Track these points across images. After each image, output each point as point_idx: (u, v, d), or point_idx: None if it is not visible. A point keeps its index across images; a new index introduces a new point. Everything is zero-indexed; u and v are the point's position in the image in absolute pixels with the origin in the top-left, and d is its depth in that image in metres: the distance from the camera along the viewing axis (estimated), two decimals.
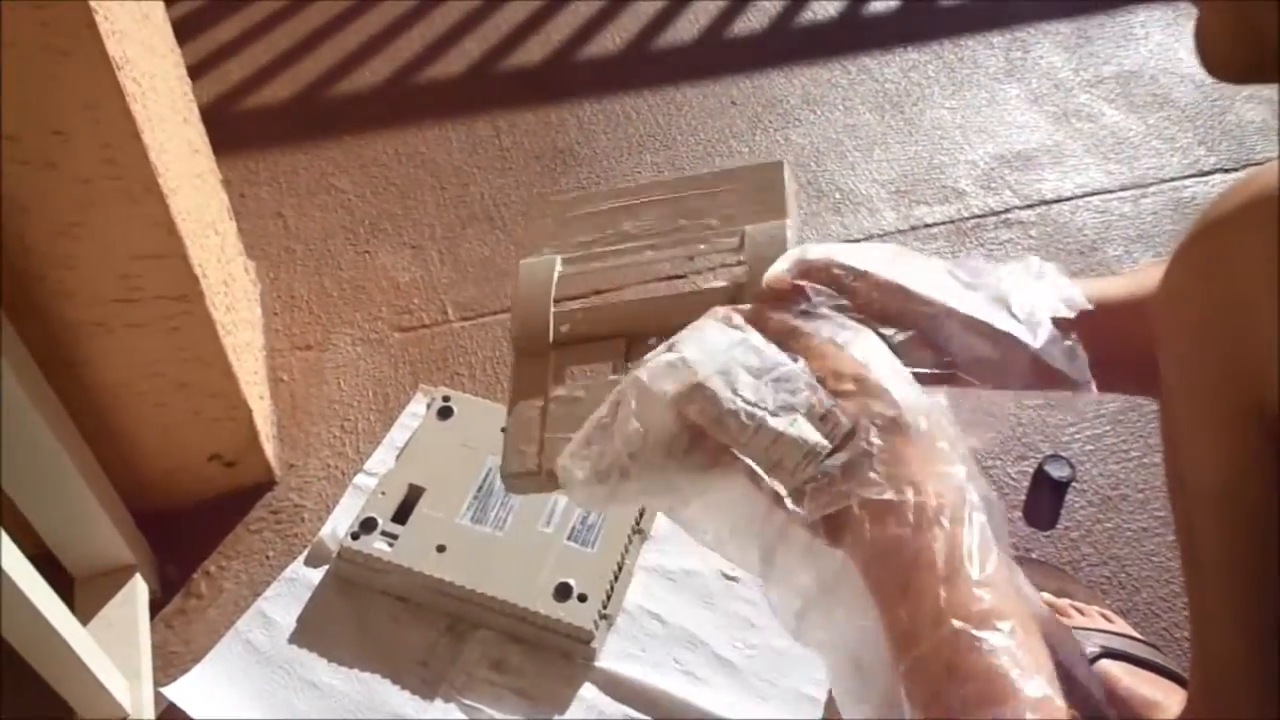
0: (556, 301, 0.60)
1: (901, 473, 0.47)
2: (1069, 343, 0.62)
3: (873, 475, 0.47)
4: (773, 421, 0.49)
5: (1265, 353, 0.48)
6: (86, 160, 0.68)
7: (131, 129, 0.68)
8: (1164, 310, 0.57)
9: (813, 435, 0.49)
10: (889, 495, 0.47)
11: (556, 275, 0.61)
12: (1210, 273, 0.52)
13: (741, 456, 0.50)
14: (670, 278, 0.65)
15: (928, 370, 0.64)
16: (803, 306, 0.55)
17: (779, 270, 0.63)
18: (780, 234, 0.64)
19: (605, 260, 0.62)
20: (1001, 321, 0.62)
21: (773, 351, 0.51)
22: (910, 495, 0.46)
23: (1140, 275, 0.66)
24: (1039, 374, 0.63)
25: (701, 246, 0.64)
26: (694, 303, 0.62)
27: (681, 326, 0.61)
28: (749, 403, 0.50)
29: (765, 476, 0.49)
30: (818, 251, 0.63)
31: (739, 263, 0.63)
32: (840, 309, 0.61)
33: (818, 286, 0.61)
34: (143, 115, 0.70)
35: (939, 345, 0.62)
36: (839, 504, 0.47)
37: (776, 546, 0.50)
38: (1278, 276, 0.47)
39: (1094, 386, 0.61)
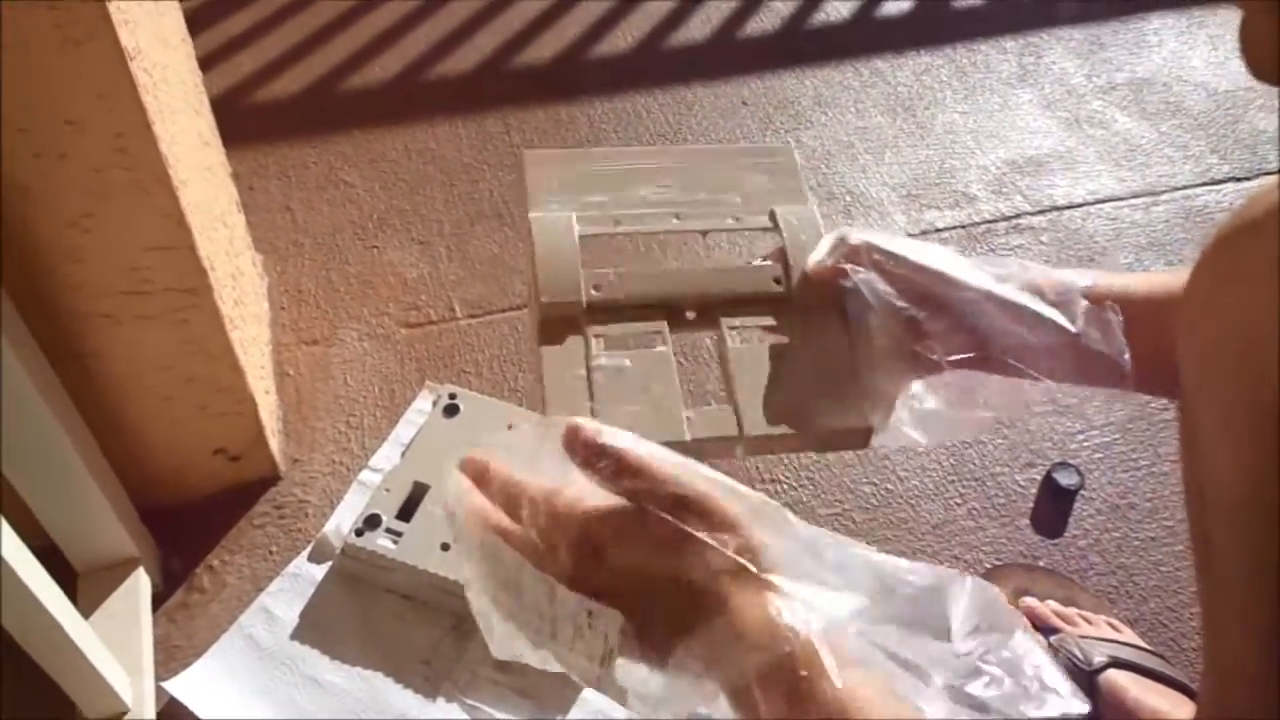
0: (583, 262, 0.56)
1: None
2: (1107, 316, 0.62)
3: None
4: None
5: None
6: (98, 151, 0.68)
7: (143, 119, 0.67)
8: (1187, 315, 0.56)
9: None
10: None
11: (578, 234, 0.56)
12: (1236, 278, 0.52)
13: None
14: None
15: (963, 355, 0.64)
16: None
17: (821, 255, 0.62)
18: (813, 218, 0.63)
19: (629, 225, 0.59)
20: (1040, 306, 0.62)
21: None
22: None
23: (1162, 276, 0.66)
24: (1076, 360, 0.62)
25: (730, 221, 0.62)
26: (741, 278, 0.61)
27: (722, 299, 0.59)
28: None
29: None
30: (857, 236, 0.63)
31: (774, 242, 0.62)
32: (877, 292, 0.61)
33: (859, 268, 0.61)
34: (154, 106, 0.69)
35: (977, 330, 0.62)
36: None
37: None
38: None
39: (1128, 360, 0.61)
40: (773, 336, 0.61)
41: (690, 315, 0.59)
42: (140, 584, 0.87)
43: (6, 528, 0.62)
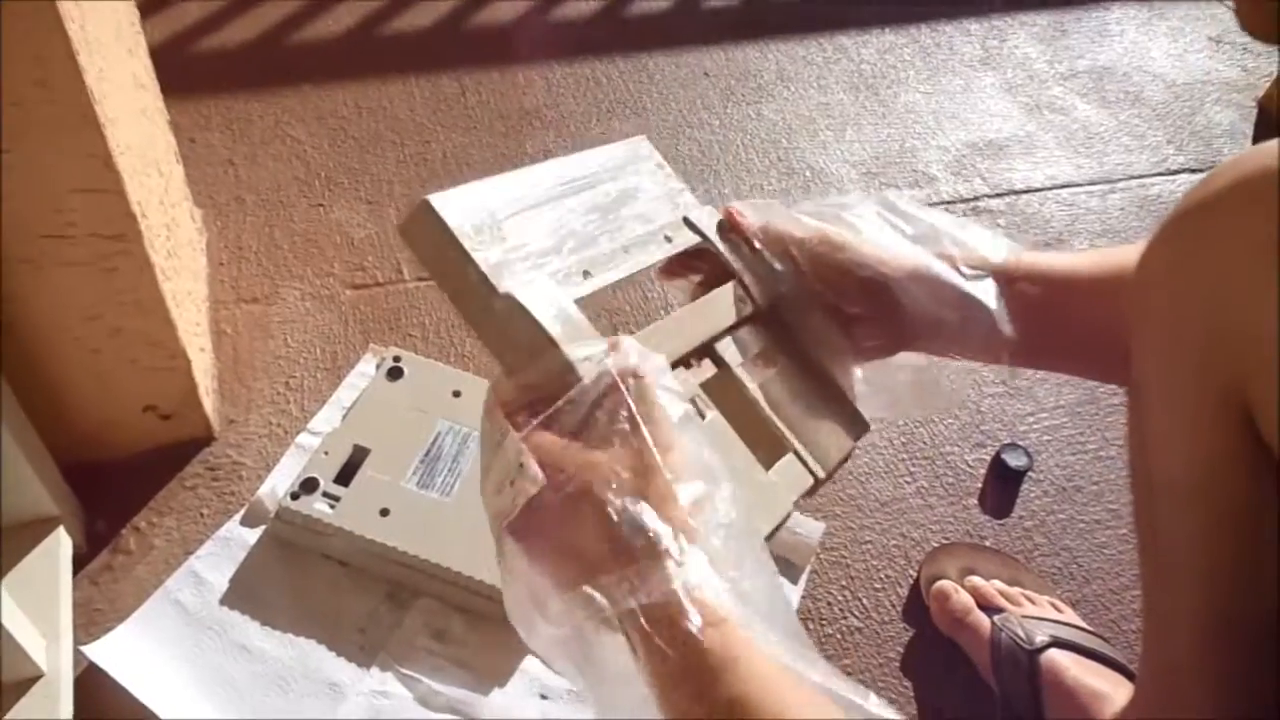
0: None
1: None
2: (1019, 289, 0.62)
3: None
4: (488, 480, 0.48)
5: (1247, 338, 0.47)
6: (16, 81, 0.64)
7: (67, 50, 0.63)
8: (1140, 293, 0.55)
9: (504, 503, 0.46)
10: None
11: (570, 299, 0.50)
12: (1192, 255, 0.51)
13: None
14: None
15: (876, 343, 0.64)
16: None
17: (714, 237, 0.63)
18: (714, 214, 0.65)
19: (598, 273, 0.54)
20: (963, 284, 0.62)
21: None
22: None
23: (1109, 254, 0.65)
24: (985, 338, 0.62)
25: (666, 245, 0.61)
26: (718, 313, 0.61)
27: (714, 339, 0.59)
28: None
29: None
30: (750, 217, 0.63)
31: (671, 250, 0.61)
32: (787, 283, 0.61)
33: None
34: (79, 36, 0.65)
35: (900, 313, 0.62)
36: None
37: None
38: (1265, 259, 0.45)
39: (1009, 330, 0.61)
40: (763, 360, 0.62)
41: (694, 364, 0.58)
42: (60, 544, 0.83)
43: None
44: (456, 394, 0.97)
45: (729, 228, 0.64)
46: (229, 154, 1.24)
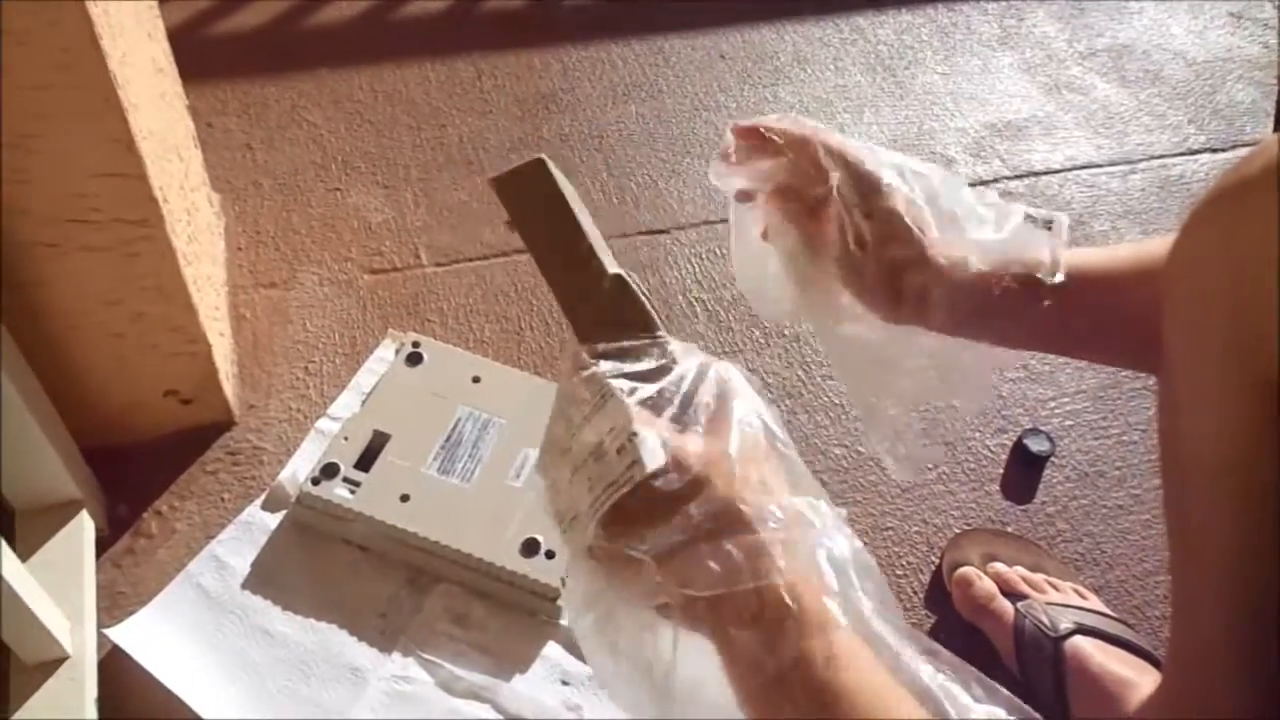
0: None
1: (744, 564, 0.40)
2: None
3: (701, 557, 0.40)
4: (566, 460, 0.44)
5: (1278, 320, 0.47)
6: (42, 65, 0.64)
7: (91, 34, 0.63)
8: (1174, 275, 0.55)
9: (607, 474, 0.42)
10: (718, 589, 0.40)
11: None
12: (1227, 236, 0.50)
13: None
14: None
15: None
16: None
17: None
18: None
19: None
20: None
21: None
22: (751, 580, 0.40)
23: (1147, 246, 0.64)
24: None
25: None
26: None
27: None
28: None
29: (559, 529, 0.45)
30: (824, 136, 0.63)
31: None
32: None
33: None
34: (103, 21, 0.65)
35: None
36: (644, 593, 0.41)
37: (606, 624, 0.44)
38: None
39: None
40: None
41: None
42: (83, 527, 0.84)
43: None
44: (476, 379, 0.97)
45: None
46: (246, 138, 1.24)
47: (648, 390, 0.43)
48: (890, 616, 0.42)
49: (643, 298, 0.47)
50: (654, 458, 0.41)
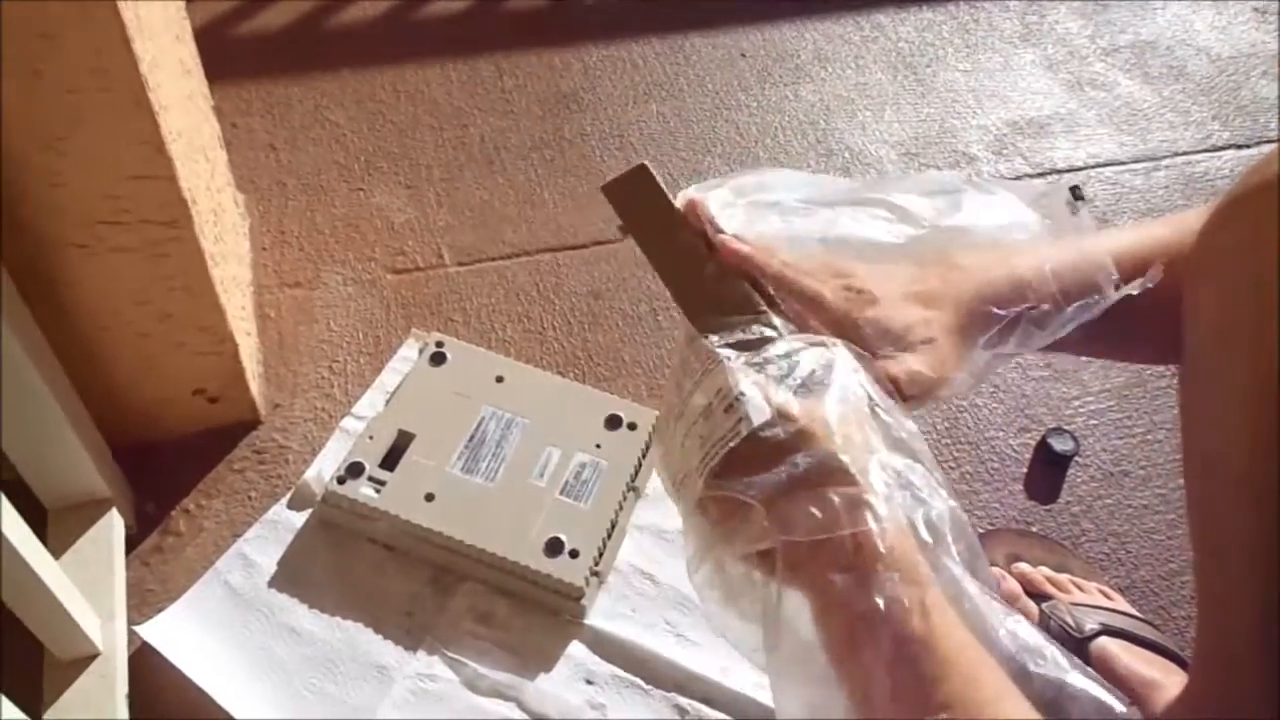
0: None
1: (839, 507, 0.42)
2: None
3: (803, 502, 0.42)
4: (680, 424, 0.47)
5: None
6: (74, 68, 0.64)
7: (122, 37, 0.63)
8: (1195, 277, 0.54)
9: (716, 430, 0.45)
10: (818, 535, 0.42)
11: None
12: (1249, 239, 0.50)
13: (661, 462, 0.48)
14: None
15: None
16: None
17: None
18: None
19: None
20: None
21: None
22: (850, 526, 0.42)
23: (1152, 230, 0.63)
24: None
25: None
26: None
27: None
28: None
29: (674, 489, 0.47)
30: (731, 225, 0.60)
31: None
32: None
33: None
34: (134, 24, 0.66)
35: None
36: (748, 538, 0.43)
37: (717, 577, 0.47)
38: None
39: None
40: None
41: None
42: (113, 525, 0.85)
43: None
44: (499, 379, 0.97)
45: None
46: (270, 139, 1.25)
47: (754, 357, 0.47)
48: (981, 578, 0.44)
49: (743, 283, 0.52)
50: (759, 413, 0.44)
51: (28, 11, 0.61)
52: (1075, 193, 0.62)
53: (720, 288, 0.52)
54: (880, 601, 0.41)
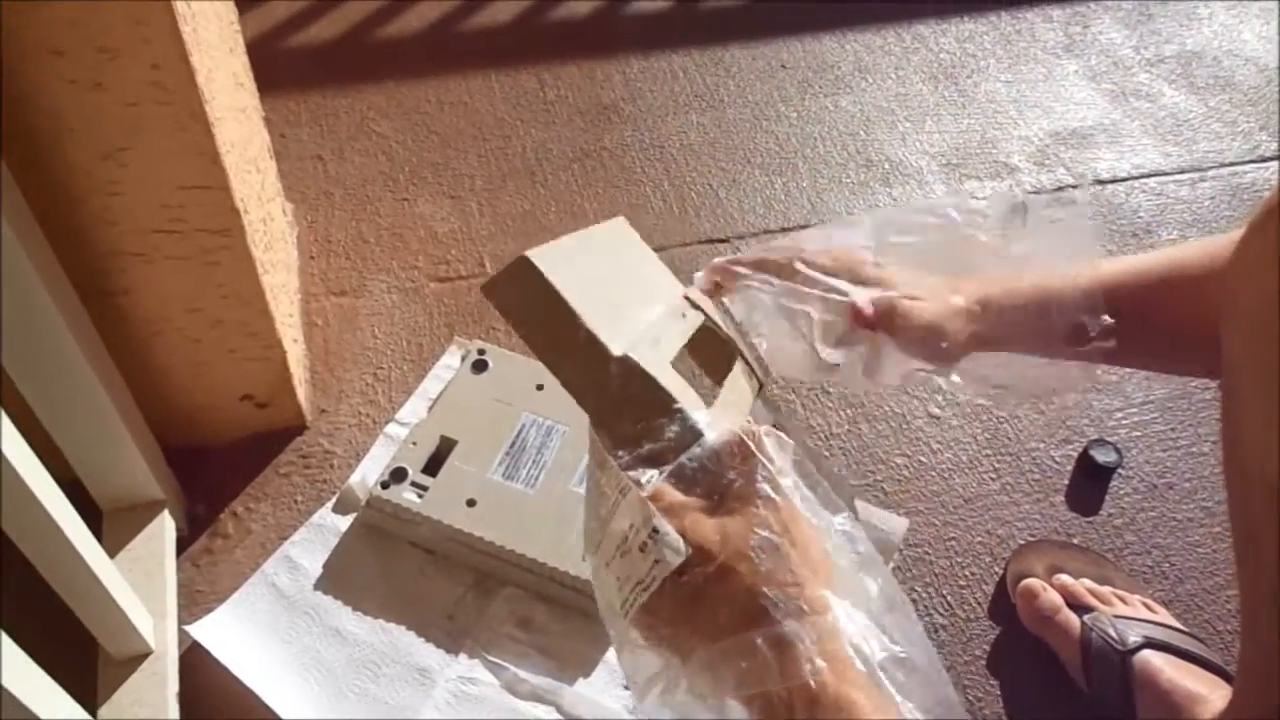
0: None
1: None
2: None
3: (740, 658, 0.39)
4: (597, 557, 0.44)
5: None
6: (134, 82, 0.66)
7: (180, 51, 0.66)
8: (1233, 287, 0.54)
9: (635, 571, 0.42)
10: (765, 686, 0.39)
11: None
12: None
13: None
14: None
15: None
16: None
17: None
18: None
19: None
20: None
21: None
22: (785, 680, 0.39)
23: (1189, 248, 0.64)
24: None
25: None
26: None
27: None
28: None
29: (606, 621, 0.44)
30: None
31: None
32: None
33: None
34: (192, 39, 0.68)
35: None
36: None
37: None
38: None
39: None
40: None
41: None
42: (165, 527, 0.87)
43: (35, 462, 0.61)
44: (540, 387, 0.98)
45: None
46: (317, 149, 1.27)
47: (667, 469, 0.43)
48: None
49: (652, 373, 0.46)
50: (675, 554, 0.41)
51: (89, 27, 0.63)
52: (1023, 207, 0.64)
53: (628, 387, 0.45)
54: None
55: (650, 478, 0.43)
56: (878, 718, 0.39)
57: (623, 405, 0.45)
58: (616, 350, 0.46)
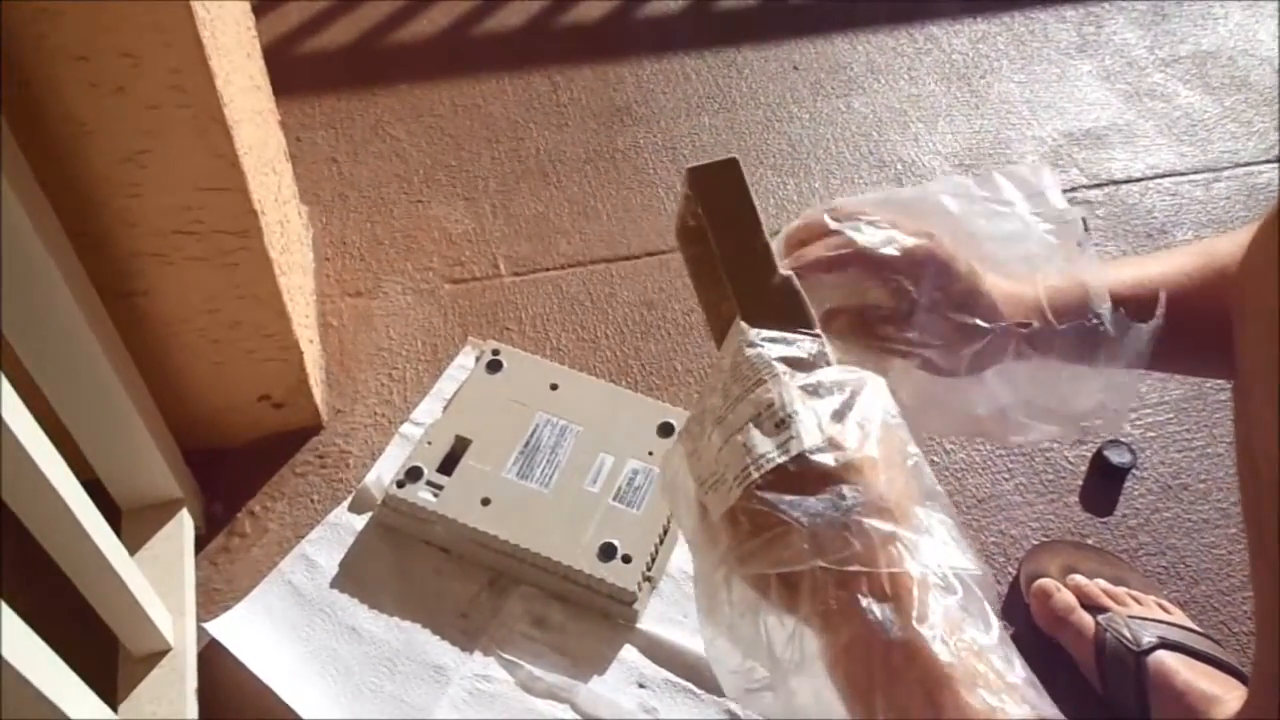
0: None
1: (876, 539, 0.40)
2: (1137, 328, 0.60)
3: (846, 532, 0.40)
4: (720, 429, 0.45)
5: None
6: (155, 85, 0.67)
7: (200, 56, 0.66)
8: (1245, 287, 0.54)
9: (761, 444, 0.43)
10: (854, 566, 0.40)
11: None
12: None
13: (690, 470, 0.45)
14: None
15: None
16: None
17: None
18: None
19: None
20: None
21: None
22: (886, 565, 0.40)
23: (1207, 249, 0.63)
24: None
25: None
26: None
27: None
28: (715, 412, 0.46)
29: (699, 490, 0.45)
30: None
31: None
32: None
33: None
34: (211, 43, 0.68)
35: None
36: (780, 557, 0.41)
37: (720, 593, 0.44)
38: None
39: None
40: None
41: None
42: (184, 525, 0.87)
43: (58, 459, 0.62)
44: (554, 387, 0.99)
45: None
46: (332, 152, 1.28)
47: (807, 379, 0.45)
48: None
49: (806, 301, 0.50)
50: (811, 435, 0.42)
51: (112, 32, 0.64)
52: (1085, 224, 0.62)
53: (783, 300, 0.50)
54: (913, 634, 0.39)
55: (791, 374, 0.45)
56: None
57: (776, 311, 0.49)
58: (784, 270, 0.51)
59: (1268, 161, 1.30)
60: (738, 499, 0.43)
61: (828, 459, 0.42)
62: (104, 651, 0.78)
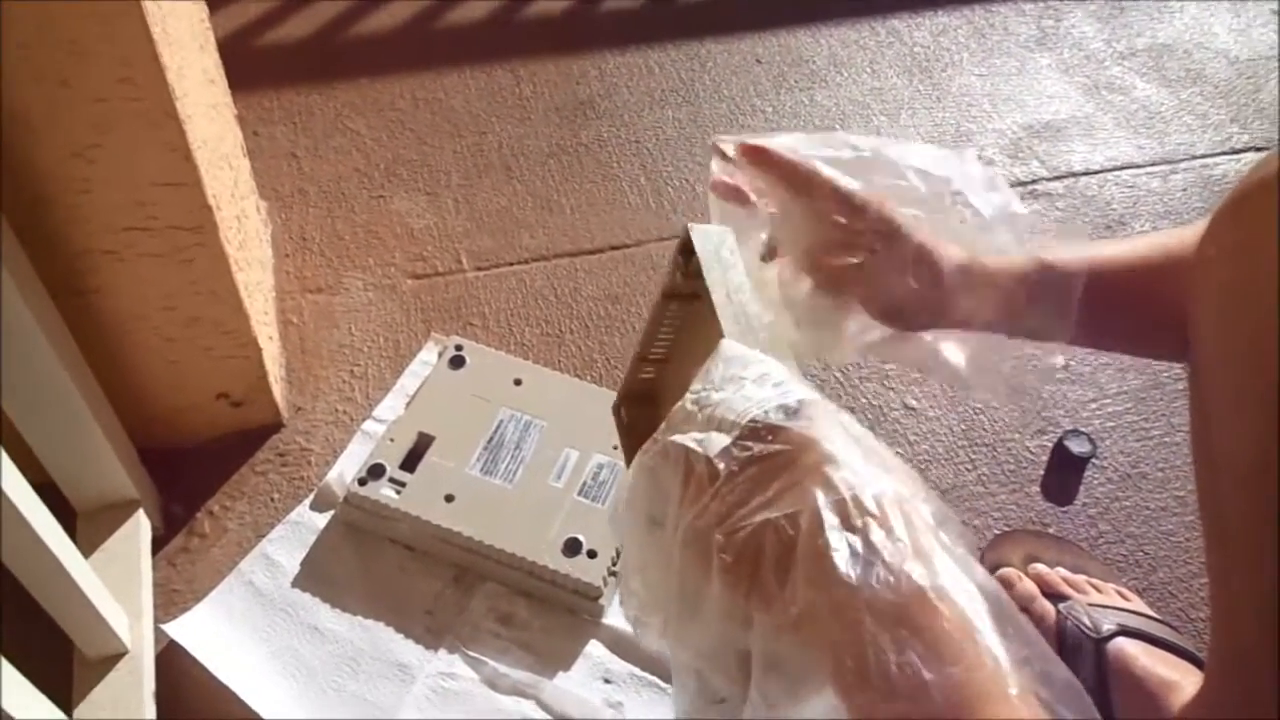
0: None
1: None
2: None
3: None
4: (716, 396, 0.44)
5: None
6: (102, 79, 0.66)
7: (150, 48, 0.65)
8: (1200, 273, 0.55)
9: (758, 393, 0.43)
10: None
11: None
12: (1249, 238, 0.50)
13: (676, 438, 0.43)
14: None
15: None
16: None
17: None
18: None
19: None
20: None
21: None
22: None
23: (1165, 237, 0.65)
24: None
25: None
26: None
27: None
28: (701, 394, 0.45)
29: (695, 447, 0.43)
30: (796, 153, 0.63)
31: None
32: None
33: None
34: (161, 35, 0.67)
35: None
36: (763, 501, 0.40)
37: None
38: None
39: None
40: None
41: None
42: (140, 526, 0.86)
43: (8, 462, 0.61)
44: (518, 382, 0.98)
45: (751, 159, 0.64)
46: (291, 147, 1.26)
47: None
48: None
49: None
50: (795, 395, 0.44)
51: (55, 22, 0.63)
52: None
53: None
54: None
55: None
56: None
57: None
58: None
59: (1223, 153, 1.31)
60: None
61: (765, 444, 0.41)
62: (58, 655, 0.77)
